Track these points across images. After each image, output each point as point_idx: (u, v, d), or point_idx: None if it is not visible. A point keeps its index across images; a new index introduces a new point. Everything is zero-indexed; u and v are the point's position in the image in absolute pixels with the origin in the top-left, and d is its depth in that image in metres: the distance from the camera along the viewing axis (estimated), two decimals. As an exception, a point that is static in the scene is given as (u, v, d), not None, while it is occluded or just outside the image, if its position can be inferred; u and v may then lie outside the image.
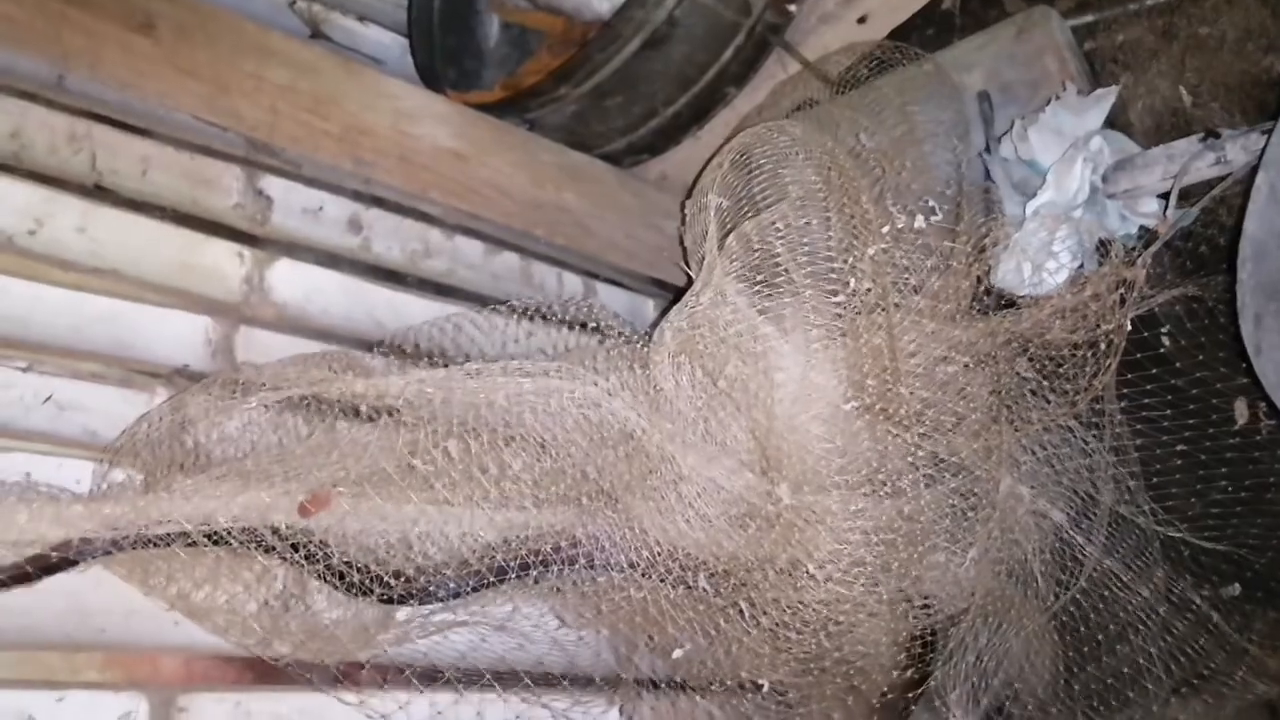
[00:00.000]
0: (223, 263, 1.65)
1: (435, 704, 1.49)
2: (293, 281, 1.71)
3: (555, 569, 1.39)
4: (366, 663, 1.40)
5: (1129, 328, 1.38)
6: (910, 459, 1.38)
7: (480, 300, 1.92)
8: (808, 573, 1.35)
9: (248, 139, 1.72)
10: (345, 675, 1.38)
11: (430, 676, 1.45)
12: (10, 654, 1.22)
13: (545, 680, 1.54)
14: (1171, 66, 1.78)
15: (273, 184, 1.76)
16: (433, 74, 2.23)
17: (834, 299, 1.36)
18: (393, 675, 1.43)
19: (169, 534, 1.23)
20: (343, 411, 1.43)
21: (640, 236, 2.16)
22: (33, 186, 1.49)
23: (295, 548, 1.29)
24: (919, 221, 1.41)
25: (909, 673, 1.56)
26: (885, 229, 1.37)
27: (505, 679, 1.51)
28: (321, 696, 1.37)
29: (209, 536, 1.24)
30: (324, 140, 1.77)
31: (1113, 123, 1.71)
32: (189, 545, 1.24)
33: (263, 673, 1.36)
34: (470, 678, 1.47)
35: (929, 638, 1.56)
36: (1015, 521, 1.53)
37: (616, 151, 2.22)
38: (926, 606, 1.51)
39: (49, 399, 1.38)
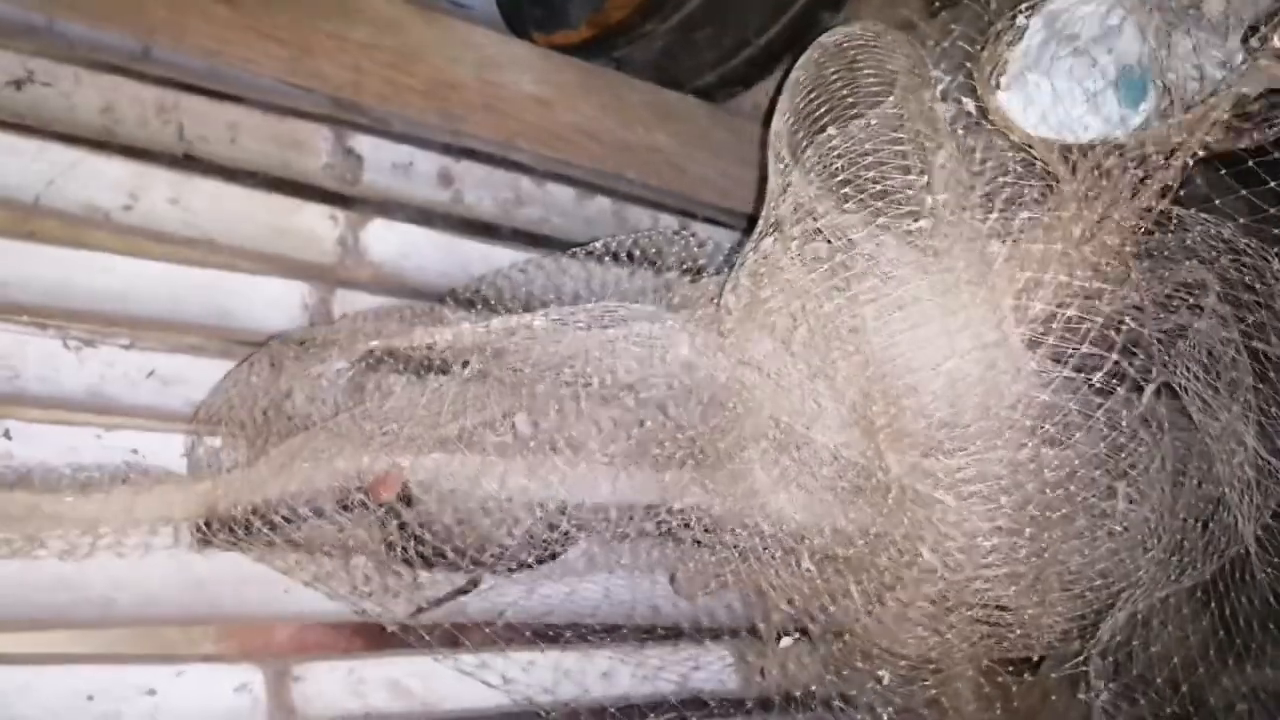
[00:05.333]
0: (316, 225, 1.64)
1: (555, 662, 1.49)
2: (387, 240, 1.70)
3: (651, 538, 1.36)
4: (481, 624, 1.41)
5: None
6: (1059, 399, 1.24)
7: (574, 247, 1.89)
8: (923, 556, 1.25)
9: (333, 99, 1.70)
10: (458, 637, 1.39)
11: (545, 635, 1.46)
12: (129, 630, 1.26)
13: (658, 634, 1.54)
14: None
15: (362, 142, 1.74)
16: (517, 15, 2.18)
17: (913, 221, 1.22)
18: (506, 634, 1.43)
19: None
20: (425, 366, 1.41)
21: (735, 173, 2.10)
22: (125, 161, 1.50)
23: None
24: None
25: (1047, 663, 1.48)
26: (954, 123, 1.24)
27: (618, 636, 1.51)
28: (433, 659, 1.38)
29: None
30: (410, 95, 1.75)
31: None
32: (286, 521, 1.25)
33: (374, 638, 1.38)
34: (583, 634, 1.48)
35: (1083, 621, 1.44)
36: (1233, 474, 1.34)
37: (708, 85, 2.15)
38: (1074, 590, 1.38)
39: (152, 374, 1.40)
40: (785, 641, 1.47)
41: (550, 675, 1.48)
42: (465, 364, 1.32)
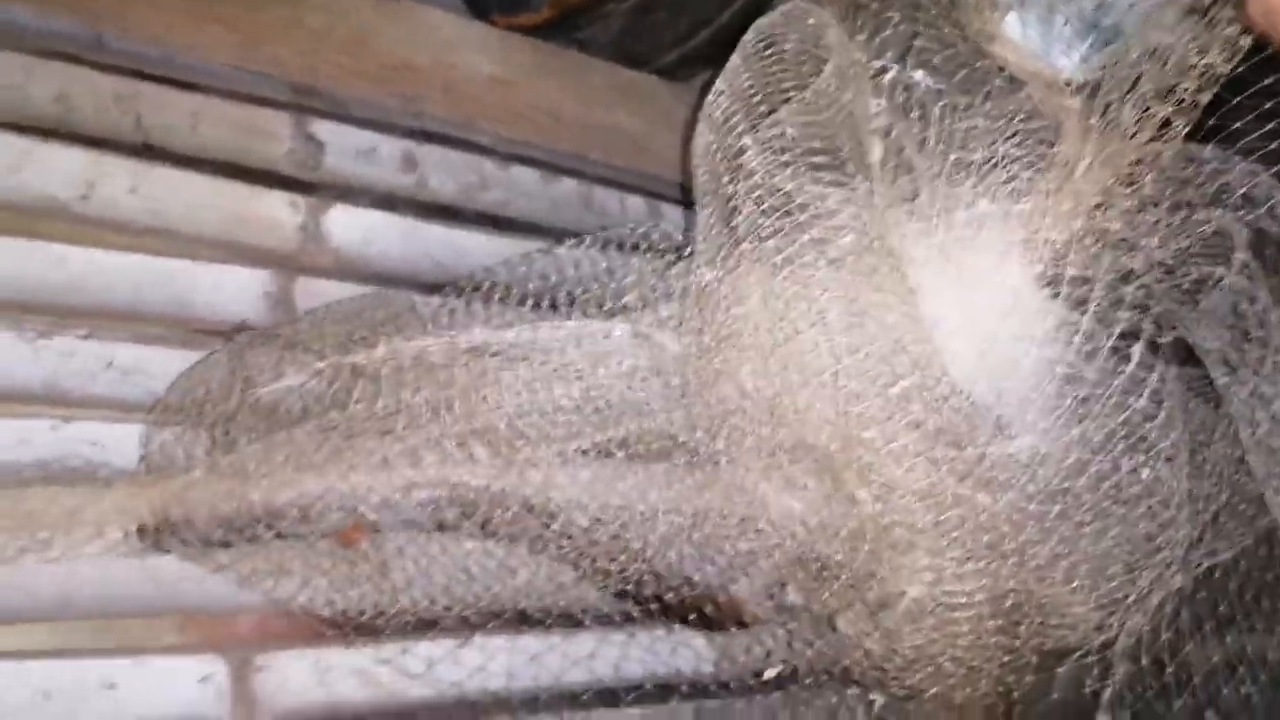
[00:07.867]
0: (277, 212, 1.63)
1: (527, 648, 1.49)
2: (348, 226, 1.69)
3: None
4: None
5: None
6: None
7: (540, 231, 1.88)
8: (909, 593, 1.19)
9: (289, 84, 1.69)
10: (425, 624, 1.39)
11: (520, 621, 1.46)
12: (90, 623, 1.25)
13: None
14: None
15: (323, 128, 1.73)
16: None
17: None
18: (476, 621, 1.43)
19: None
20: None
21: (700, 151, 2.10)
22: (81, 150, 1.48)
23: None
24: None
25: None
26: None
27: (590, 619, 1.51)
28: (398, 646, 1.38)
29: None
30: (365, 78, 1.74)
31: None
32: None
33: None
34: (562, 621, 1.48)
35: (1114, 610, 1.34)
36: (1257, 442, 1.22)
37: (670, 65, 2.14)
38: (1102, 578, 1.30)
39: (110, 364, 1.39)
40: (769, 673, 1.45)
41: (520, 660, 1.48)
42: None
